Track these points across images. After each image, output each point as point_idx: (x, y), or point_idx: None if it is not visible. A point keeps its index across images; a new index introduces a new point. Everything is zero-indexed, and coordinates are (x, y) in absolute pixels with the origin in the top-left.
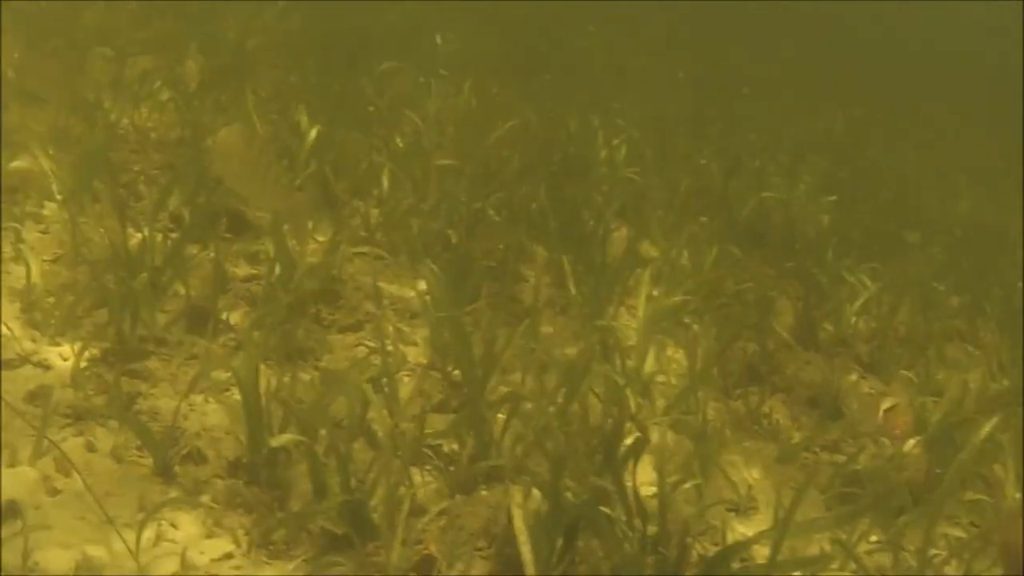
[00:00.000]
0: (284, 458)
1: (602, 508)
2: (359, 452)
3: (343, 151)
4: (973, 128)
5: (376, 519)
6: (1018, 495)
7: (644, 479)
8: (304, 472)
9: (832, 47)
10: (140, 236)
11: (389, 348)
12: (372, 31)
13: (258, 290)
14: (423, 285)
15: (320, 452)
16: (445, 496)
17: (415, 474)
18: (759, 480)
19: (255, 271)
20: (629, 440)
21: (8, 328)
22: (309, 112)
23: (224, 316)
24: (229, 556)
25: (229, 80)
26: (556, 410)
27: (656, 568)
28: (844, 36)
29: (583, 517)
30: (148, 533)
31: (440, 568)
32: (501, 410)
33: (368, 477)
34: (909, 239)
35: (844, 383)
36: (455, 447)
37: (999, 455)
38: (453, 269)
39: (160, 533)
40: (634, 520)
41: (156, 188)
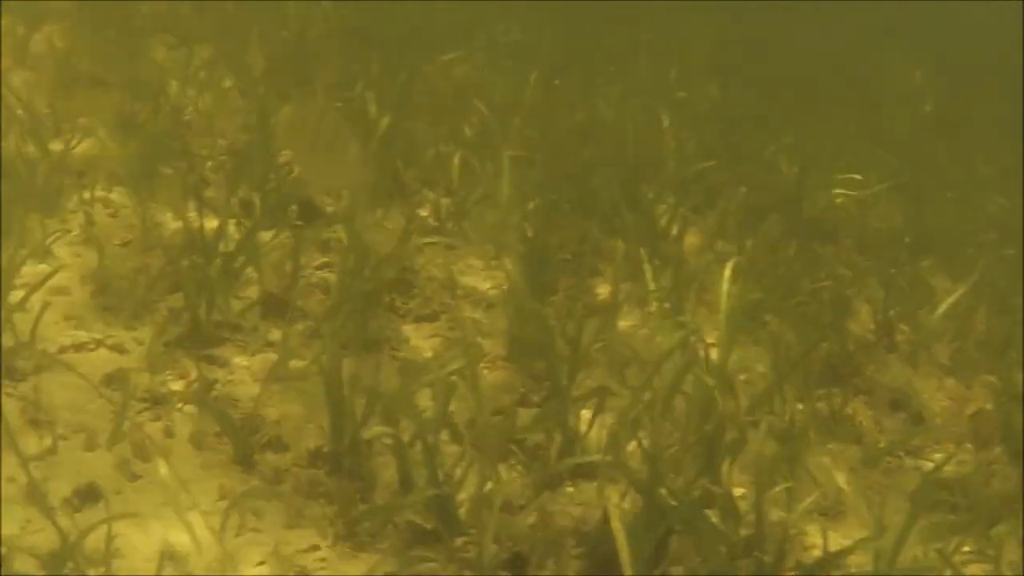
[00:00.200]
0: (366, 449)
1: (705, 510)
2: (443, 445)
3: (410, 140)
4: None
5: (462, 514)
6: None
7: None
8: (386, 463)
9: (896, 46)
10: (211, 222)
11: (468, 339)
12: (433, 22)
13: (331, 278)
14: (498, 276)
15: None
16: (532, 492)
17: (500, 469)
18: (845, 484)
19: (326, 259)
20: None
21: (81, 311)
22: (376, 100)
23: (299, 304)
24: (315, 548)
25: (292, 69)
26: (650, 407)
27: (753, 571)
28: (907, 35)
29: (681, 518)
30: (230, 521)
31: (531, 567)
32: (586, 405)
33: (455, 471)
34: (984, 239)
35: (924, 386)
36: (539, 442)
37: None
38: (529, 261)
39: (243, 522)
40: (730, 522)
41: (223, 174)
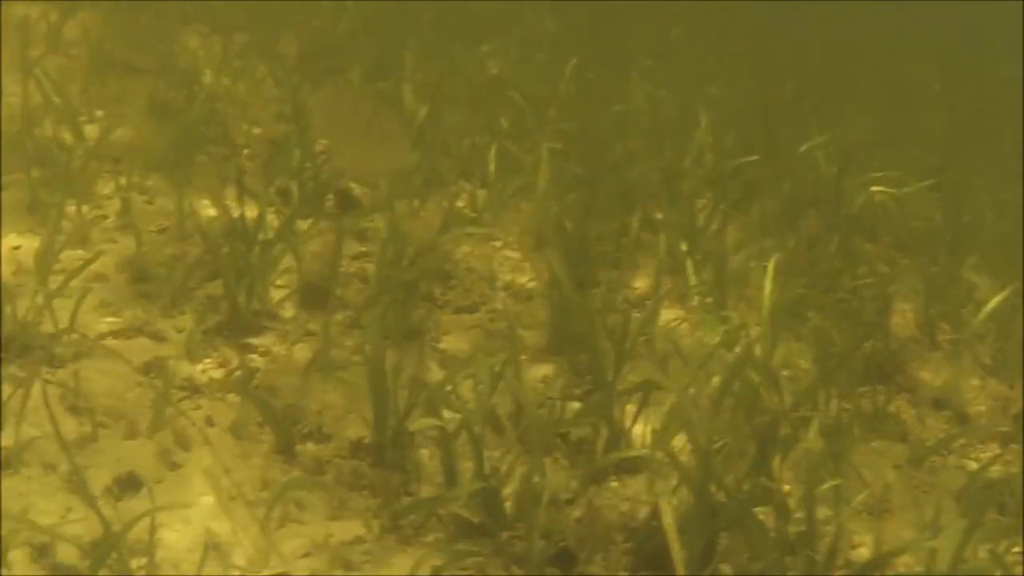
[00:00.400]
0: (408, 440)
1: (757, 508)
2: (487, 438)
3: (446, 131)
4: None
5: (508, 508)
6: None
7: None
8: (429, 455)
9: (922, 44)
10: (248, 210)
11: (509, 331)
12: (468, 14)
13: (369, 268)
14: (535, 269)
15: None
16: (579, 486)
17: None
18: (891, 482)
19: (364, 248)
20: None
21: (119, 298)
22: (412, 90)
23: (337, 293)
24: (360, 540)
25: (325, 59)
26: (696, 402)
27: (804, 570)
28: (939, 35)
29: (733, 515)
30: (273, 512)
31: (579, 563)
32: (631, 399)
33: (501, 464)
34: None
35: (967, 385)
36: (583, 436)
37: None
38: (569, 253)
39: (286, 513)
40: (780, 520)
41: (259, 162)
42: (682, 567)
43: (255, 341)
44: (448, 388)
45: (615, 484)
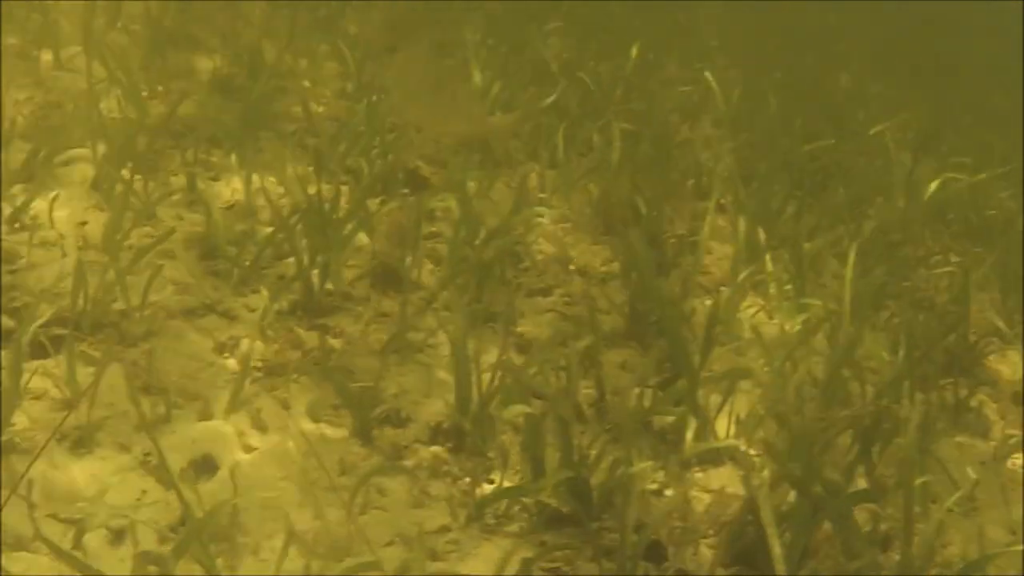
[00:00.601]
0: (489, 426)
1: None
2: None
3: (513, 108)
4: None
5: (595, 498)
6: None
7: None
8: (510, 441)
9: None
10: (315, 188)
11: (588, 316)
12: None
13: (441, 248)
14: (606, 252)
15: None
16: (663, 477)
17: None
18: (975, 478)
19: (434, 228)
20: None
21: (189, 276)
22: (481, 68)
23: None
24: (446, 529)
25: (389, 35)
26: (783, 392)
27: (899, 569)
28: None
29: (836, 513)
30: (356, 498)
31: (669, 558)
32: (716, 388)
33: (589, 453)
34: None
35: None
36: (665, 424)
37: None
38: (643, 236)
39: (368, 500)
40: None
41: (325, 139)
42: (783, 565)
43: (328, 322)
44: (534, 372)
45: (699, 475)
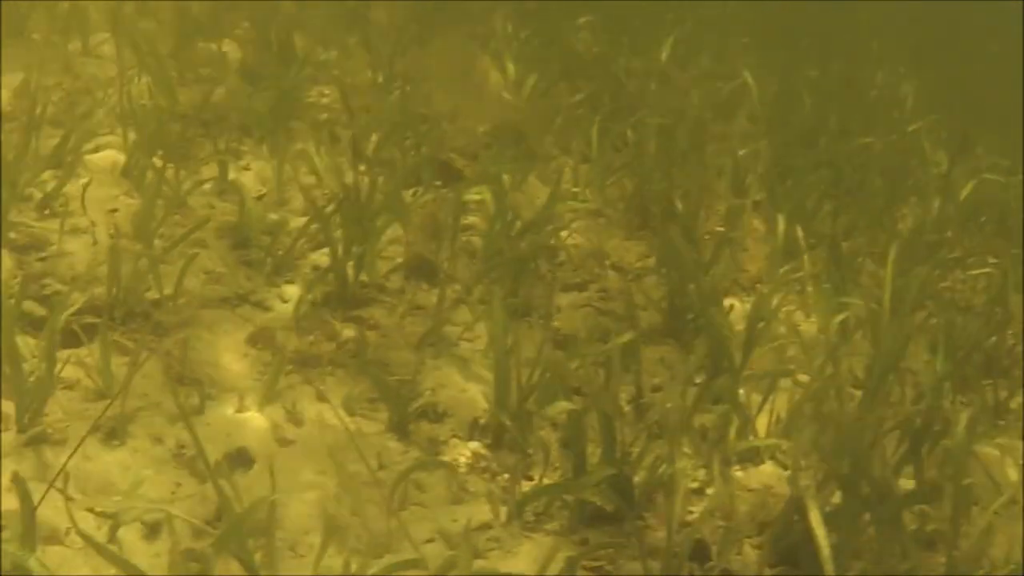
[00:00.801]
0: (527, 421)
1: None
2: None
3: (545, 102)
4: None
5: (637, 496)
6: None
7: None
8: (547, 438)
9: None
10: (349, 178)
11: (627, 311)
12: None
13: (476, 241)
14: (640, 248)
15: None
16: (705, 476)
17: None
18: (1017, 480)
19: (467, 221)
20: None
21: (221, 266)
22: (513, 61)
23: (445, 266)
24: (487, 526)
25: (418, 24)
26: (824, 392)
27: (947, 569)
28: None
29: (886, 514)
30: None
31: (713, 557)
32: (755, 386)
33: (632, 451)
34: None
35: None
36: (705, 422)
37: None
38: (677, 233)
39: (406, 495)
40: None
41: (357, 130)
42: (831, 567)
43: (363, 314)
44: (576, 368)
45: (739, 473)
